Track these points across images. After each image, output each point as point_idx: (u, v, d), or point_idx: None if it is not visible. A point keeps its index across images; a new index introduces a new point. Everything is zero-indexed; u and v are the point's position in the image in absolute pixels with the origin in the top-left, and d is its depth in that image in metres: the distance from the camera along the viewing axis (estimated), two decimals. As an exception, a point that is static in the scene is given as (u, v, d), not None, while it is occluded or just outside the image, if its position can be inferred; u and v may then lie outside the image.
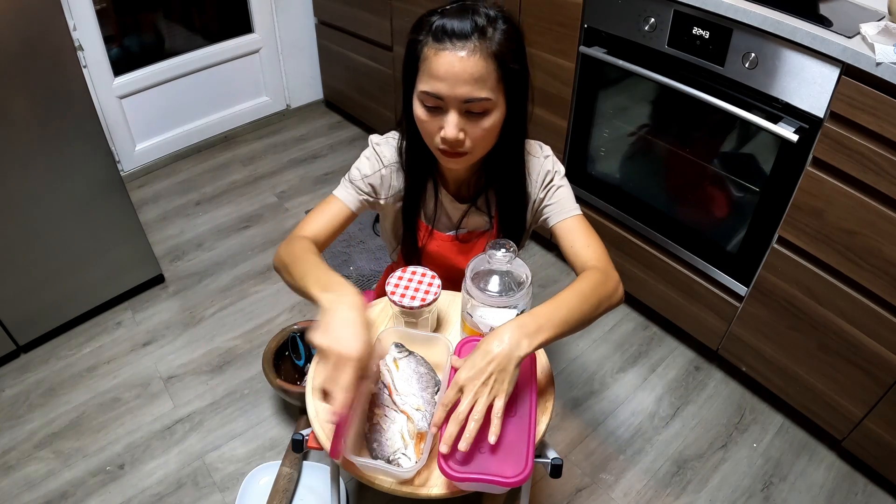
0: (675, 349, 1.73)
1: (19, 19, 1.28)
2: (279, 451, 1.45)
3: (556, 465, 0.82)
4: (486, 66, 0.83)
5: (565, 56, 1.56)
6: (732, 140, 1.40)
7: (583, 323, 0.84)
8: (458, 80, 0.82)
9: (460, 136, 0.86)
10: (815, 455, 1.47)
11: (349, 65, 2.48)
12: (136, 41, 2.33)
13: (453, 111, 0.85)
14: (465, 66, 0.82)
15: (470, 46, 0.82)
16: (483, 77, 0.83)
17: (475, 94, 0.84)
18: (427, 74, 0.85)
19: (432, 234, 1.09)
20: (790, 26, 1.11)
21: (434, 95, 0.84)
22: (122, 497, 1.36)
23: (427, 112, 0.87)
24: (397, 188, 1.04)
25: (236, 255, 2.05)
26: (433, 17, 0.85)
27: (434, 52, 0.83)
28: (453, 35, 0.82)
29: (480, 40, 0.82)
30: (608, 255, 0.96)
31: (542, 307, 0.80)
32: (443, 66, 0.82)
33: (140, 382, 1.62)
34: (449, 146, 0.88)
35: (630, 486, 1.40)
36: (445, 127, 0.86)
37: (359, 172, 1.02)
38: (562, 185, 1.02)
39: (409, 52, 0.88)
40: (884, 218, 1.12)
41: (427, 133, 0.90)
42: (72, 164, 1.52)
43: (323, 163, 2.53)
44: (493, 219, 1.07)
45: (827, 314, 1.29)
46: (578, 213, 1.01)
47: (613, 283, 0.91)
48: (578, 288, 0.86)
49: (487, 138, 0.90)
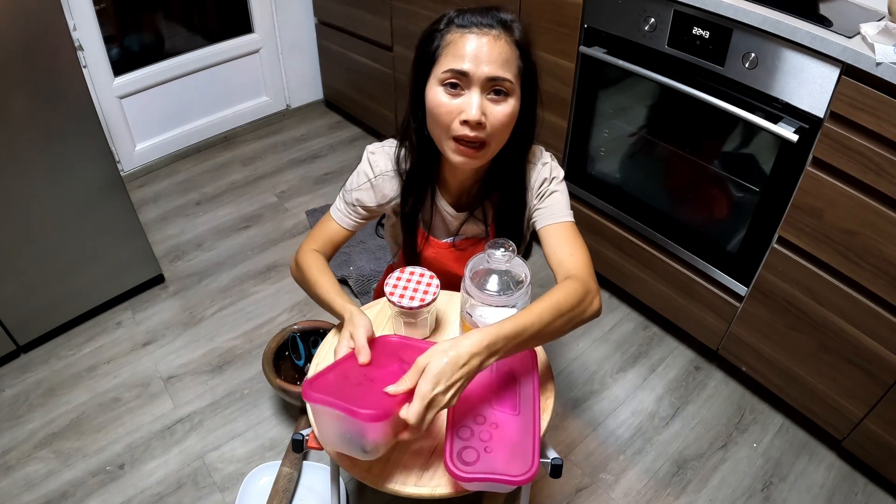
0: (675, 349, 1.73)
1: (19, 19, 1.28)
2: (279, 451, 1.45)
3: (556, 465, 0.82)
4: (511, 52, 0.86)
5: (565, 56, 1.56)
6: (732, 140, 1.40)
7: (552, 335, 0.83)
8: (484, 59, 0.84)
9: (482, 118, 0.86)
10: (815, 455, 1.47)
11: (349, 65, 2.48)
12: (136, 41, 2.33)
13: (476, 91, 0.85)
14: (493, 47, 0.84)
15: (495, 33, 0.85)
16: (508, 60, 0.86)
17: (501, 73, 0.85)
18: (451, 55, 0.85)
19: (428, 240, 1.08)
20: (790, 26, 1.11)
21: (459, 72, 0.84)
22: (122, 497, 1.36)
23: (447, 95, 0.86)
24: (391, 196, 1.04)
25: (236, 255, 2.05)
26: (453, 13, 0.88)
27: (460, 35, 0.85)
28: (480, 23, 0.85)
29: (505, 30, 0.86)
30: (591, 265, 0.93)
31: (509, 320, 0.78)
32: (470, 46, 0.84)
33: (140, 382, 1.62)
34: (470, 128, 0.86)
35: (630, 486, 1.40)
36: (467, 108, 0.85)
37: (350, 188, 1.03)
38: (556, 190, 1.01)
39: (426, 42, 0.89)
40: (884, 218, 1.11)
41: (444, 118, 0.87)
42: (72, 164, 1.52)
43: (323, 163, 2.52)
44: (488, 227, 1.06)
45: (827, 314, 1.29)
46: (568, 220, 0.99)
47: (590, 296, 0.88)
48: (553, 299, 0.83)
49: (504, 129, 0.90)
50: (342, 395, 0.72)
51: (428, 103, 0.89)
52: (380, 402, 0.71)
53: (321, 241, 1.06)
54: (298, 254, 1.04)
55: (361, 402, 0.71)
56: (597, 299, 0.89)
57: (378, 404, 0.70)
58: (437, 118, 0.89)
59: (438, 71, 0.87)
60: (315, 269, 1.00)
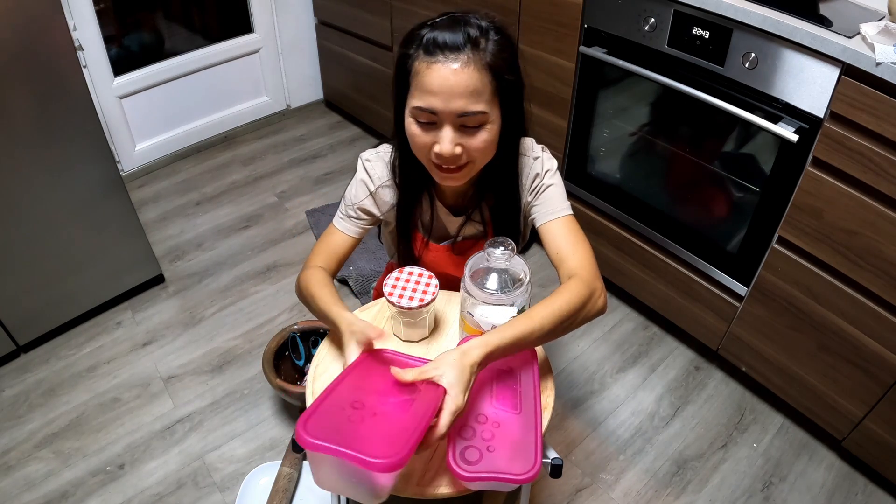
0: (675, 349, 1.73)
1: (19, 19, 1.28)
2: (279, 451, 1.45)
3: (556, 465, 0.82)
4: (481, 79, 0.81)
5: (565, 56, 1.56)
6: (732, 140, 1.40)
7: (555, 338, 0.85)
8: (452, 94, 0.80)
9: (456, 150, 0.84)
10: (815, 455, 1.47)
11: (349, 65, 2.48)
12: (135, 41, 2.33)
13: (448, 126, 0.83)
14: (460, 79, 0.79)
15: (463, 58, 0.79)
16: (478, 90, 0.81)
17: (470, 107, 0.81)
18: (419, 89, 0.82)
19: (428, 244, 1.08)
20: (790, 26, 1.11)
21: (428, 110, 0.82)
22: (122, 497, 1.36)
23: (420, 128, 0.85)
24: (391, 203, 1.03)
25: (236, 255, 2.05)
26: (423, 31, 0.82)
27: (426, 66, 0.80)
28: (445, 47, 0.79)
29: (474, 52, 0.80)
30: (594, 260, 0.92)
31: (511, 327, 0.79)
32: (436, 80, 0.80)
33: (140, 382, 1.62)
34: (444, 162, 0.86)
35: (630, 486, 1.40)
36: (440, 143, 0.84)
37: (351, 199, 1.02)
38: (551, 184, 0.98)
39: (399, 67, 0.86)
40: (884, 218, 1.11)
41: (420, 149, 0.88)
42: (72, 164, 1.52)
43: (323, 163, 2.53)
44: (486, 226, 1.06)
45: (827, 314, 1.29)
46: (567, 213, 0.97)
47: (595, 295, 0.87)
48: (556, 305, 0.83)
49: (486, 151, 0.88)
50: (343, 434, 0.63)
51: (406, 130, 0.88)
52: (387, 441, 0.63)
53: (325, 255, 1.03)
54: (301, 273, 1.01)
55: (366, 442, 0.62)
56: (602, 297, 0.88)
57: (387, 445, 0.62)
58: (415, 147, 0.89)
59: (410, 103, 0.84)
60: (315, 284, 0.95)
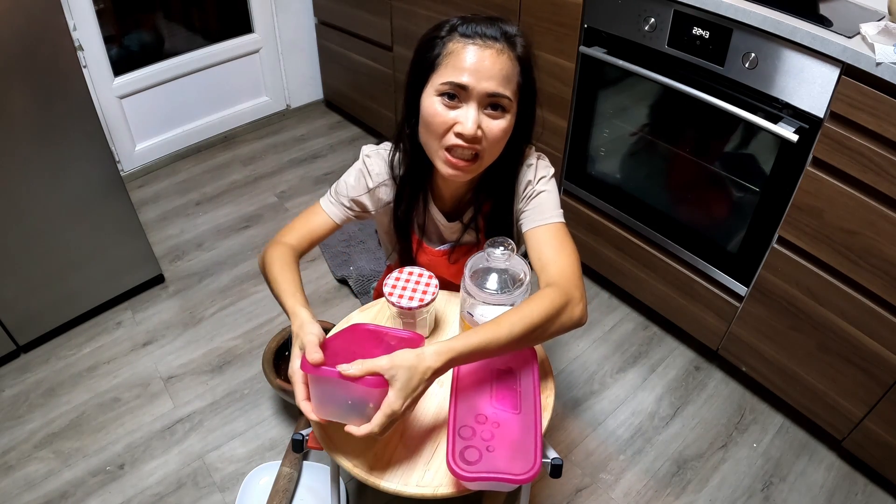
0: (675, 349, 1.73)
1: (19, 19, 1.28)
2: (279, 451, 1.45)
3: (556, 465, 0.82)
4: (512, 68, 0.85)
5: (565, 56, 1.56)
6: (732, 140, 1.40)
7: (526, 346, 0.83)
8: (486, 74, 0.83)
9: (478, 132, 0.85)
10: (815, 455, 1.47)
11: (349, 65, 2.48)
12: (135, 41, 2.33)
13: (474, 105, 0.84)
14: (495, 62, 0.83)
15: (499, 47, 0.84)
16: (509, 77, 0.84)
17: (501, 89, 0.84)
18: (452, 66, 0.83)
19: (422, 246, 1.08)
20: (790, 26, 1.11)
21: (459, 85, 0.83)
22: (122, 497, 1.36)
23: (444, 105, 0.85)
24: (387, 201, 1.03)
25: (236, 255, 2.05)
26: (457, 21, 0.86)
27: (462, 46, 0.83)
28: (484, 35, 0.83)
29: (508, 45, 0.85)
30: (577, 270, 0.88)
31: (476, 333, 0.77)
32: (472, 59, 0.82)
33: (140, 382, 1.62)
34: (462, 143, 0.85)
35: (630, 486, 1.40)
36: (463, 121, 0.84)
37: (346, 188, 1.01)
38: (543, 190, 0.96)
39: (426, 48, 0.86)
40: (884, 218, 1.12)
41: (437, 130, 0.86)
42: (72, 164, 1.52)
43: (323, 163, 2.53)
44: (479, 233, 1.05)
45: (827, 314, 1.29)
46: (556, 221, 0.94)
47: (571, 305, 0.83)
48: (526, 312, 0.80)
49: (499, 143, 0.88)
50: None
51: (423, 111, 0.87)
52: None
53: (300, 233, 1.01)
54: (268, 246, 0.98)
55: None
56: (578, 308, 0.84)
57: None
58: (432, 127, 0.87)
59: (437, 81, 0.85)
60: (279, 264, 0.92)
